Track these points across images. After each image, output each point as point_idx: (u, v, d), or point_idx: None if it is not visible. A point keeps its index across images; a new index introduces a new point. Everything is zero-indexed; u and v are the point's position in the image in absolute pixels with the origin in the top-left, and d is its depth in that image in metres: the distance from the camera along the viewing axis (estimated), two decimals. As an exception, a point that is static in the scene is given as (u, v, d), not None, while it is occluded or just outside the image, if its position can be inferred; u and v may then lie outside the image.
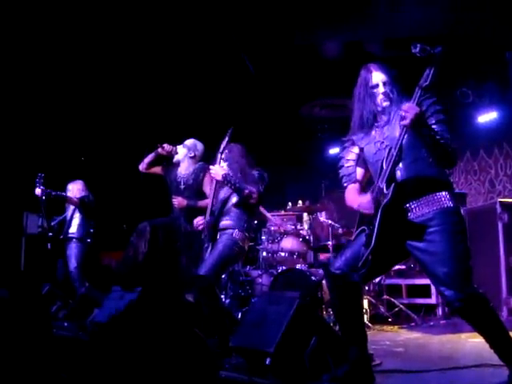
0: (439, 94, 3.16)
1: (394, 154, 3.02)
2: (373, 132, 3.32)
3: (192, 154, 5.34)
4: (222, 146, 4.55)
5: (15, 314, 2.49)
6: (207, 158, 5.13)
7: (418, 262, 3.10)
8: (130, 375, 2.29)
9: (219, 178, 4.37)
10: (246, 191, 4.37)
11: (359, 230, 3.19)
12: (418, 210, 3.06)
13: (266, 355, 3.32)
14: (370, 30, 6.44)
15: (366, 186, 3.44)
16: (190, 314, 4.35)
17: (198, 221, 4.59)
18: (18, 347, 2.41)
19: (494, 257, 6.04)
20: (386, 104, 3.26)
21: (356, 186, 3.41)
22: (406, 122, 2.94)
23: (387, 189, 3.00)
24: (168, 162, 5.44)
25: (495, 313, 3.01)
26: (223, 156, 4.55)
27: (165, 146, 5.28)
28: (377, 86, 3.27)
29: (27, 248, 8.27)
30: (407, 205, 3.09)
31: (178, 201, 5.11)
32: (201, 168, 5.27)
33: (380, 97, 3.26)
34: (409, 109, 2.93)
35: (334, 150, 9.68)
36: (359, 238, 3.16)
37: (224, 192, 4.60)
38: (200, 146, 5.41)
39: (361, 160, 3.42)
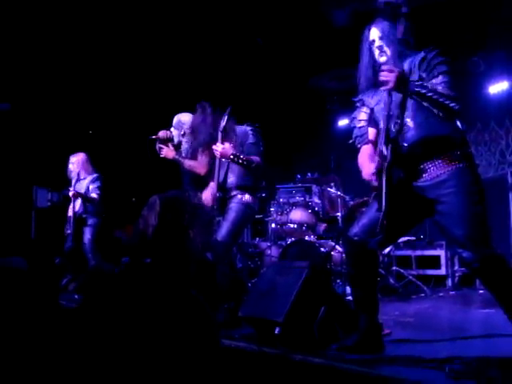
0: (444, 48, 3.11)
1: (386, 114, 2.99)
2: (381, 90, 3.27)
3: (182, 132, 5.27)
4: (222, 125, 4.53)
5: (32, 287, 2.49)
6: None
7: (435, 223, 3.04)
8: (122, 343, 2.29)
9: (228, 157, 4.37)
10: (254, 165, 4.39)
11: (373, 195, 3.15)
12: (433, 171, 2.99)
13: (276, 325, 3.33)
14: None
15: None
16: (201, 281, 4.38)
17: (206, 196, 4.60)
18: (27, 318, 2.41)
19: (504, 227, 6.02)
20: (382, 59, 3.18)
21: (369, 146, 3.35)
22: (388, 86, 2.91)
23: (386, 151, 2.96)
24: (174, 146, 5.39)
25: None
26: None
27: (159, 134, 5.23)
28: (373, 41, 3.22)
29: (37, 222, 8.31)
30: (421, 166, 3.02)
31: (165, 151, 5.08)
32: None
33: (377, 52, 3.21)
34: (388, 71, 2.89)
35: (343, 122, 9.62)
36: (373, 204, 3.12)
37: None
38: (185, 118, 5.27)
39: (372, 120, 3.36)
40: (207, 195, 4.61)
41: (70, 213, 6.93)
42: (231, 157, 4.33)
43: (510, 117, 7.94)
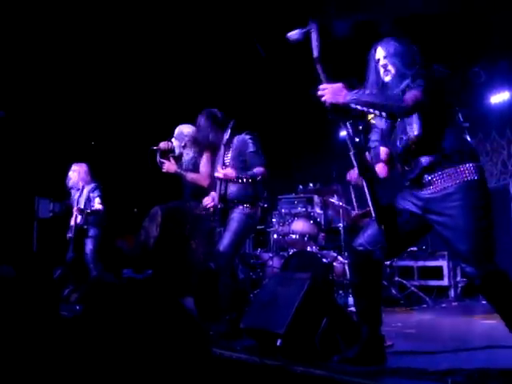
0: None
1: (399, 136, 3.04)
2: None
3: (183, 143, 5.27)
4: (225, 138, 4.52)
5: (21, 294, 2.48)
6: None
7: (439, 236, 3.03)
8: (117, 353, 2.28)
9: (232, 180, 4.40)
10: (259, 177, 4.41)
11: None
12: (439, 184, 2.97)
13: (277, 336, 3.32)
14: (381, 10, 6.37)
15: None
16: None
17: (207, 201, 4.60)
18: (23, 327, 2.41)
19: (506, 238, 6.01)
20: (387, 79, 3.20)
21: (381, 165, 3.37)
22: (325, 99, 3.00)
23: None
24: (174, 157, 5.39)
25: None
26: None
27: (160, 145, 5.24)
28: (379, 60, 3.24)
29: (39, 232, 8.31)
30: (428, 178, 3.01)
31: (166, 165, 5.10)
32: (198, 151, 5.18)
33: (382, 70, 3.22)
34: (322, 88, 3.03)
35: (345, 133, 9.59)
36: None
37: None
38: (187, 130, 5.27)
39: (383, 139, 3.37)
40: (208, 201, 4.60)
41: (73, 222, 6.93)
42: (235, 179, 4.36)
43: (512, 127, 7.96)
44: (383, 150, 3.40)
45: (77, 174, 6.96)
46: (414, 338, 4.31)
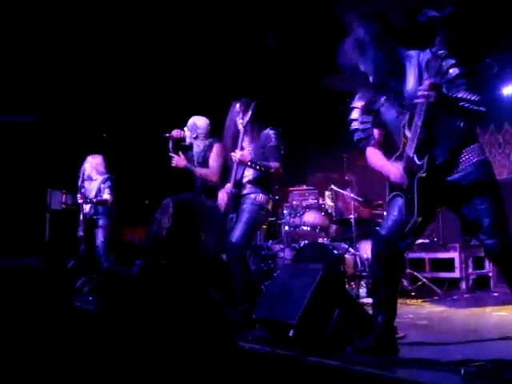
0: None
1: (419, 123, 2.96)
2: (390, 92, 3.26)
3: (195, 135, 5.27)
4: (246, 120, 4.50)
5: (48, 287, 2.51)
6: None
7: (457, 214, 3.09)
8: (141, 344, 2.30)
9: (246, 163, 4.39)
10: (273, 170, 4.41)
11: (392, 195, 3.19)
12: (453, 168, 3.02)
13: (290, 327, 3.32)
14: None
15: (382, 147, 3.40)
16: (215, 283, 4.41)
17: (222, 196, 4.62)
18: (42, 318, 2.44)
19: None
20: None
21: (376, 148, 3.37)
22: (431, 99, 2.86)
23: (419, 159, 2.96)
24: (184, 147, 5.39)
25: None
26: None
27: (173, 132, 5.23)
28: (411, 56, 3.19)
29: (51, 224, 8.37)
30: (443, 166, 3.03)
31: (176, 160, 5.09)
32: (208, 145, 5.18)
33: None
34: (432, 87, 2.86)
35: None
36: (394, 203, 3.17)
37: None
38: (200, 122, 5.28)
39: (377, 121, 3.36)
40: (223, 195, 4.62)
41: (82, 217, 6.98)
42: (249, 163, 4.35)
43: (524, 119, 7.91)
44: (377, 133, 3.40)
45: (90, 165, 7.01)
46: (426, 329, 4.32)
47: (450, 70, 3.00)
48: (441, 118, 3.05)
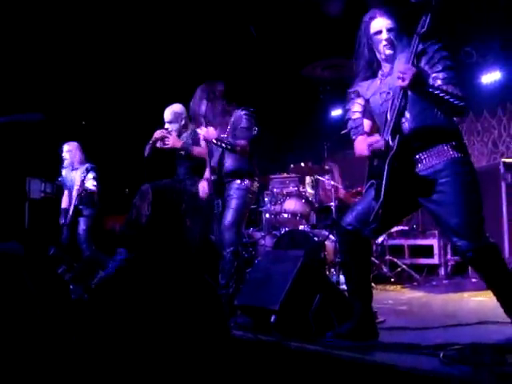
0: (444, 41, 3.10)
1: (397, 104, 2.98)
2: (377, 82, 3.27)
3: (183, 122, 5.26)
4: (203, 108, 4.55)
5: (30, 272, 2.50)
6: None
7: (429, 213, 3.08)
8: (135, 333, 2.31)
9: (211, 141, 4.41)
10: (238, 148, 4.42)
11: (368, 184, 3.17)
12: (427, 161, 3.03)
13: (271, 313, 3.35)
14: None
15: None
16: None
17: (203, 185, 4.63)
18: (32, 303, 2.42)
19: (496, 217, 6.05)
20: (389, 52, 3.17)
21: (364, 137, 3.35)
22: (404, 83, 2.88)
23: (392, 141, 2.97)
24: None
25: (506, 265, 3.02)
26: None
27: (156, 135, 5.18)
28: (380, 32, 3.17)
29: (31, 213, 8.30)
30: (416, 156, 3.06)
31: (172, 140, 4.99)
32: (194, 132, 5.17)
33: (383, 43, 3.17)
34: (405, 70, 2.88)
35: (336, 112, 9.61)
36: (369, 192, 3.14)
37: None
38: (179, 109, 5.25)
39: (367, 111, 3.37)
40: (203, 185, 4.64)
41: (64, 204, 6.92)
42: (214, 141, 4.36)
43: (503, 107, 7.97)
44: (367, 123, 3.41)
45: (69, 154, 6.94)
46: (406, 314, 4.36)
47: (440, 62, 3.02)
48: (420, 108, 3.06)
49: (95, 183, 6.76)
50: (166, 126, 5.22)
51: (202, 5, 7.20)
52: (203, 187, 4.67)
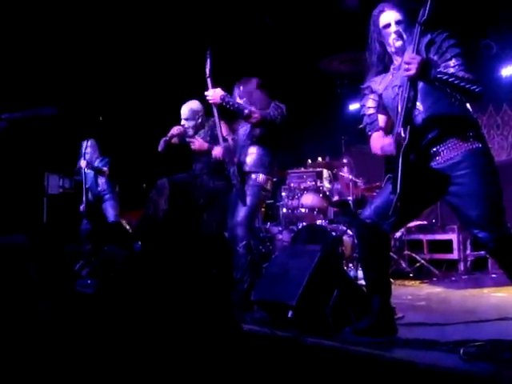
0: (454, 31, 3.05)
1: (406, 96, 2.94)
2: (390, 76, 3.24)
3: (200, 120, 5.24)
4: (208, 70, 4.55)
5: (36, 264, 2.49)
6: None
7: (449, 205, 3.04)
8: (144, 325, 2.29)
9: (217, 100, 4.39)
10: (246, 111, 4.38)
11: (386, 178, 3.13)
12: (445, 154, 2.98)
13: (288, 308, 3.33)
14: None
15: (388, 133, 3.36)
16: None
17: (217, 151, 4.64)
18: (36, 295, 2.42)
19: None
20: (398, 44, 3.13)
21: (380, 133, 3.32)
22: (411, 72, 2.83)
23: (404, 132, 2.93)
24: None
25: None
26: (209, 80, 4.54)
27: (173, 131, 5.18)
28: (389, 25, 3.15)
29: (49, 208, 8.36)
30: (434, 149, 3.01)
31: (198, 143, 5.02)
32: (214, 123, 5.14)
33: (392, 36, 3.14)
34: (411, 59, 2.83)
35: (353, 106, 9.55)
36: (387, 186, 3.09)
37: (243, 131, 4.61)
38: (196, 106, 5.25)
39: (381, 106, 3.33)
40: (218, 148, 4.63)
41: (85, 197, 7.03)
42: (220, 101, 4.36)
43: (524, 100, 7.87)
44: (382, 118, 3.37)
45: (90, 149, 7.07)
46: (425, 310, 4.32)
47: (449, 50, 2.97)
48: (434, 99, 3.02)
49: (107, 166, 7.06)
50: (183, 122, 5.21)
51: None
52: (218, 150, 4.65)
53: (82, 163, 6.83)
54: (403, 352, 2.78)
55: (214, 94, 4.39)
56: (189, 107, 5.23)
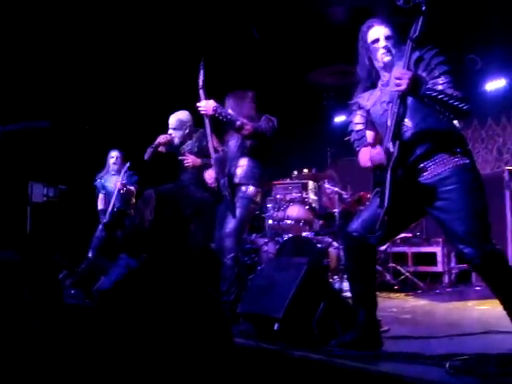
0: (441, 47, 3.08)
1: (396, 111, 2.96)
2: (378, 92, 3.26)
3: (187, 131, 5.24)
4: (201, 81, 4.54)
5: (27, 279, 2.47)
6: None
7: (435, 220, 3.05)
8: (138, 342, 2.28)
9: (210, 111, 4.38)
10: (238, 122, 4.38)
11: (374, 192, 3.14)
12: (433, 169, 3.00)
13: (275, 321, 3.32)
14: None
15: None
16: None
17: (210, 175, 4.62)
18: (28, 313, 2.40)
19: (500, 225, 6.02)
20: (387, 59, 3.16)
21: (368, 149, 3.33)
22: (402, 88, 2.85)
23: (393, 147, 2.95)
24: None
25: None
26: (202, 91, 4.51)
27: (160, 140, 5.18)
28: (377, 40, 3.18)
29: (33, 217, 8.28)
30: (422, 164, 3.03)
31: (192, 159, 5.02)
32: (202, 134, 5.15)
33: (381, 51, 3.16)
34: (402, 75, 2.86)
35: (339, 118, 9.62)
36: (374, 200, 3.11)
37: (234, 143, 4.61)
38: (185, 116, 5.26)
39: (369, 122, 3.35)
40: (210, 172, 4.62)
41: (100, 206, 7.01)
42: (213, 112, 4.36)
43: (507, 114, 7.97)
44: (370, 134, 3.38)
45: (118, 160, 7.06)
46: (410, 323, 4.33)
47: (438, 67, 3.00)
48: (422, 115, 3.04)
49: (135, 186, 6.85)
50: (170, 131, 5.21)
51: (205, 9, 7.17)
52: (210, 174, 4.64)
53: (118, 183, 6.64)
54: (389, 365, 2.78)
55: (206, 105, 4.40)
56: (177, 117, 5.24)
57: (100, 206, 7.06)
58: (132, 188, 6.80)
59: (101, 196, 7.10)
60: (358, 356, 2.94)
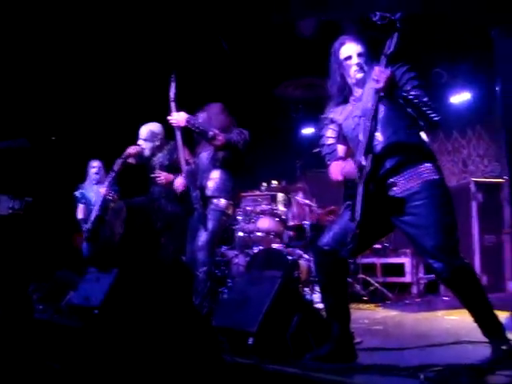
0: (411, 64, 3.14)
1: (369, 124, 3.00)
2: (350, 106, 3.30)
3: (158, 143, 5.22)
4: (172, 93, 4.60)
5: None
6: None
7: (405, 234, 3.09)
8: (128, 361, 2.26)
9: (182, 123, 4.42)
10: (211, 133, 4.44)
11: (345, 205, 3.18)
12: (403, 184, 3.04)
13: (249, 335, 3.31)
14: (346, 9, 6.41)
15: None
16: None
17: (179, 182, 4.61)
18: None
19: (467, 236, 6.12)
20: (359, 76, 3.21)
21: (339, 162, 3.36)
22: (380, 85, 2.90)
23: (365, 161, 2.99)
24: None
25: (481, 285, 3.04)
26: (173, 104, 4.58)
27: (129, 151, 5.16)
28: (350, 57, 3.23)
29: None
30: (392, 179, 3.06)
31: (164, 176, 4.99)
32: (173, 147, 5.13)
33: (353, 68, 3.21)
34: (380, 72, 2.91)
35: (307, 130, 9.68)
36: (345, 213, 3.15)
37: (205, 155, 4.62)
38: (156, 128, 5.23)
39: (341, 137, 3.39)
40: (179, 181, 4.61)
41: (80, 215, 6.81)
42: (186, 123, 4.40)
43: (472, 127, 8.11)
44: (341, 148, 3.42)
45: (100, 170, 6.92)
46: (382, 334, 4.37)
47: (409, 82, 3.05)
48: (393, 130, 3.09)
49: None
50: (140, 142, 5.18)
51: (176, 23, 7.17)
52: (180, 181, 4.63)
53: (102, 189, 6.53)
54: (364, 378, 2.80)
55: (178, 117, 4.41)
56: (148, 129, 5.21)
57: (80, 215, 6.92)
58: (116, 196, 6.75)
59: (80, 206, 6.94)
60: (333, 369, 2.94)
